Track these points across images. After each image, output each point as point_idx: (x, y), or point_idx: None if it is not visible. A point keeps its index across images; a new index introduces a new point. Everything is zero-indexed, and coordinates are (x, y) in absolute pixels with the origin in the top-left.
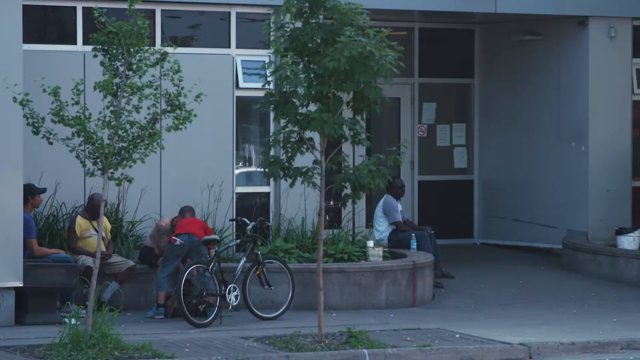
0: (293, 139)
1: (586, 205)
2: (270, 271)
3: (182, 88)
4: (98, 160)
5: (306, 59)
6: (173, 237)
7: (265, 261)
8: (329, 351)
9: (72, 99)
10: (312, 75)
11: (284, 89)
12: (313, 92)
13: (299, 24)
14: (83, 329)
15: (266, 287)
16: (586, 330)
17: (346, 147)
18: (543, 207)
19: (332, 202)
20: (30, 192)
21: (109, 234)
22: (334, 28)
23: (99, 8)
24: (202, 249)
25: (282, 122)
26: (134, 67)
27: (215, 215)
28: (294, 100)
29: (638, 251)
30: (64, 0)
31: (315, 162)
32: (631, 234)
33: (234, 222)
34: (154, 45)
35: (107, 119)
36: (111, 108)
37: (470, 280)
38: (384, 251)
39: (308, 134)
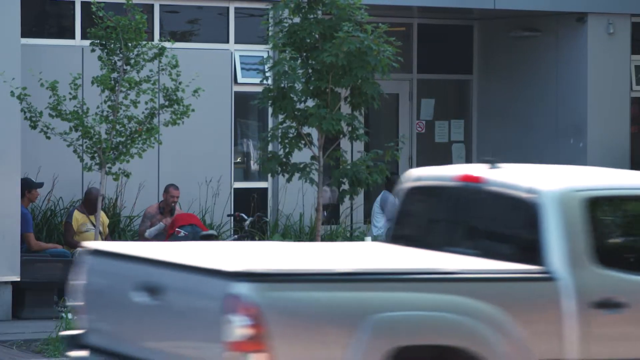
0: (291, 135)
1: None
2: None
3: (180, 83)
4: (96, 154)
5: (304, 54)
6: (176, 229)
7: None
8: None
9: (70, 93)
10: (310, 70)
11: (282, 85)
12: (311, 88)
13: (297, 19)
14: None
15: None
16: None
17: (344, 143)
18: None
19: None
20: (27, 186)
21: (107, 229)
22: (332, 23)
23: (97, 2)
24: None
25: (280, 117)
26: (132, 61)
27: (213, 210)
28: (292, 95)
29: None
30: None
31: (313, 157)
32: None
33: (232, 217)
34: (152, 40)
35: (105, 113)
36: (109, 103)
37: None
38: None
39: (306, 129)
